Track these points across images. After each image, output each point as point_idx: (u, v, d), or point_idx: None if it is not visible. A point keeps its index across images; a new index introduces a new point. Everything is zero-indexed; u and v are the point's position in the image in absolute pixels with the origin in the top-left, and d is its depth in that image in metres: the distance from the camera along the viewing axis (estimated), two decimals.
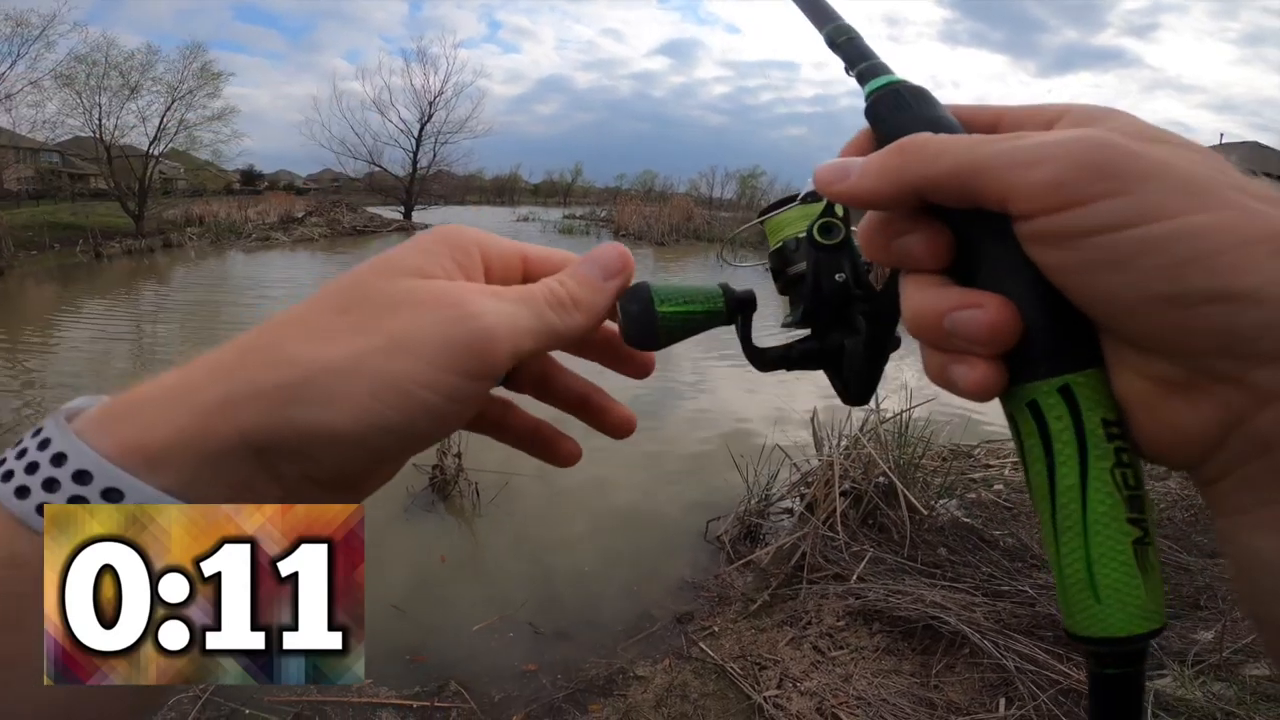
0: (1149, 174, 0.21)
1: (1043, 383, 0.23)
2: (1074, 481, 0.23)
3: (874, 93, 0.29)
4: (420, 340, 0.25)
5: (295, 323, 0.26)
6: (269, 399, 0.24)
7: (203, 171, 30.13)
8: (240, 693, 2.25)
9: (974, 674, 2.34)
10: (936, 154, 0.24)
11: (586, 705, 2.38)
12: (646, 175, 51.91)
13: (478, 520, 3.79)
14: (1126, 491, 0.23)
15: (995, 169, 0.22)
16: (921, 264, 0.26)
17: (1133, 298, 0.21)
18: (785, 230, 0.39)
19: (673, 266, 17.51)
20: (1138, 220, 0.20)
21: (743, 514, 3.52)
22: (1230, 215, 0.20)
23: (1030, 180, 0.22)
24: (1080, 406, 0.23)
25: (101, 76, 21.43)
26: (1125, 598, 0.22)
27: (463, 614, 2.90)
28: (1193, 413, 0.21)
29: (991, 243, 0.24)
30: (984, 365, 0.23)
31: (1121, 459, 0.23)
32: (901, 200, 0.25)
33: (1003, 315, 0.23)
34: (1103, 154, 0.21)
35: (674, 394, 6.48)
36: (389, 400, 0.25)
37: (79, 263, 15.93)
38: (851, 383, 0.35)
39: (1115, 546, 0.22)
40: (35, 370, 6.81)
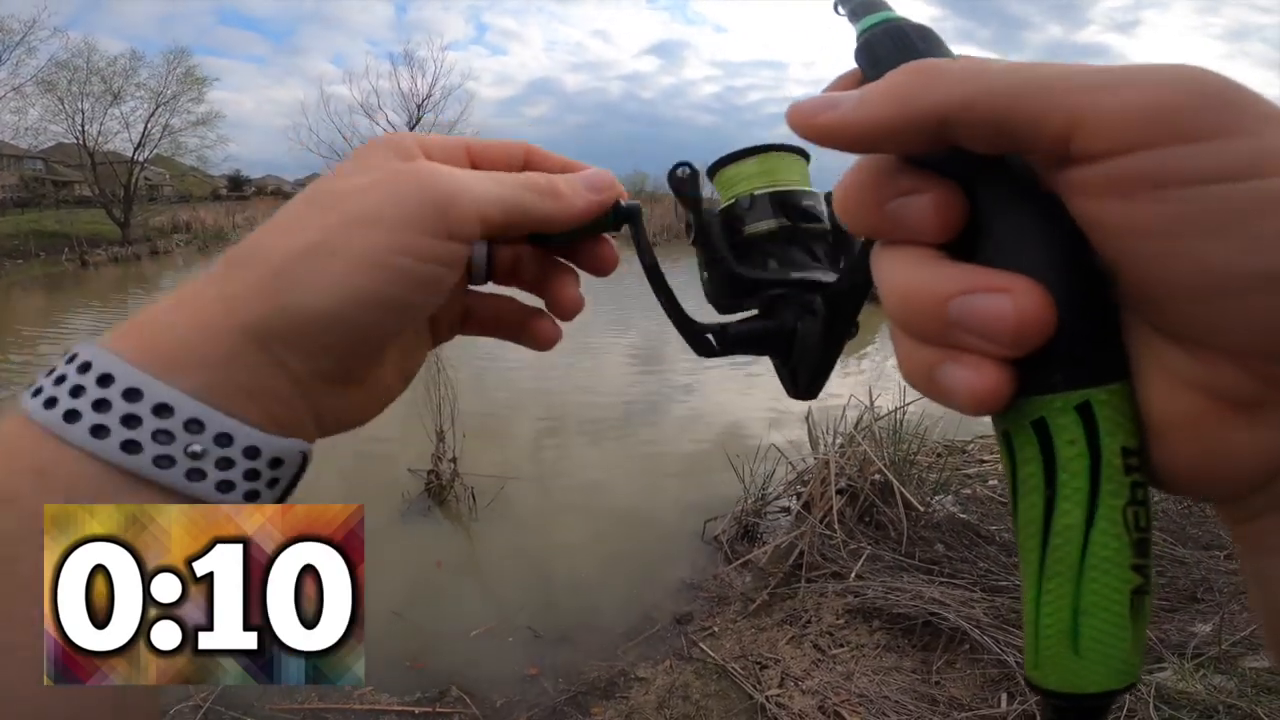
0: (1273, 116, 0.16)
1: (1057, 397, 0.18)
2: (1076, 521, 0.18)
3: (868, 29, 0.23)
4: (380, 210, 0.26)
5: (270, 227, 0.27)
6: (258, 292, 0.25)
7: (188, 177, 29.99)
8: (241, 702, 2.22)
9: (975, 670, 2.34)
10: (972, 71, 0.18)
11: (589, 708, 2.36)
12: (638, 176, 51.86)
13: (474, 525, 3.77)
14: (1135, 534, 0.18)
15: (1061, 90, 0.17)
16: (922, 233, 0.20)
17: (1230, 273, 0.15)
18: (740, 185, 0.33)
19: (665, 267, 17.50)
20: (1255, 172, 0.15)
21: (740, 514, 3.51)
22: None
23: (1115, 103, 0.16)
24: (1100, 430, 0.18)
25: (84, 82, 21.30)
26: (1108, 652, 0.19)
27: (462, 619, 2.88)
28: (1252, 437, 0.17)
29: (1016, 207, 0.19)
30: (993, 369, 0.18)
31: (1136, 496, 0.18)
32: (913, 134, 0.19)
33: (1035, 303, 0.17)
34: (1214, 83, 0.16)
35: (668, 396, 6.47)
36: (363, 271, 0.25)
37: (65, 271, 15.80)
38: (801, 373, 0.31)
39: (1111, 597, 0.19)
40: (20, 382, 6.73)
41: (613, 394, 6.44)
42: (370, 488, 4.12)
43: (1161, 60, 0.57)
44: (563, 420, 5.63)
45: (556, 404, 6.05)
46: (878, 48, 0.23)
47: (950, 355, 0.19)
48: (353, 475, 4.32)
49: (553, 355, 3.59)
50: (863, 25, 0.24)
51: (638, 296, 5.48)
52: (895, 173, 0.20)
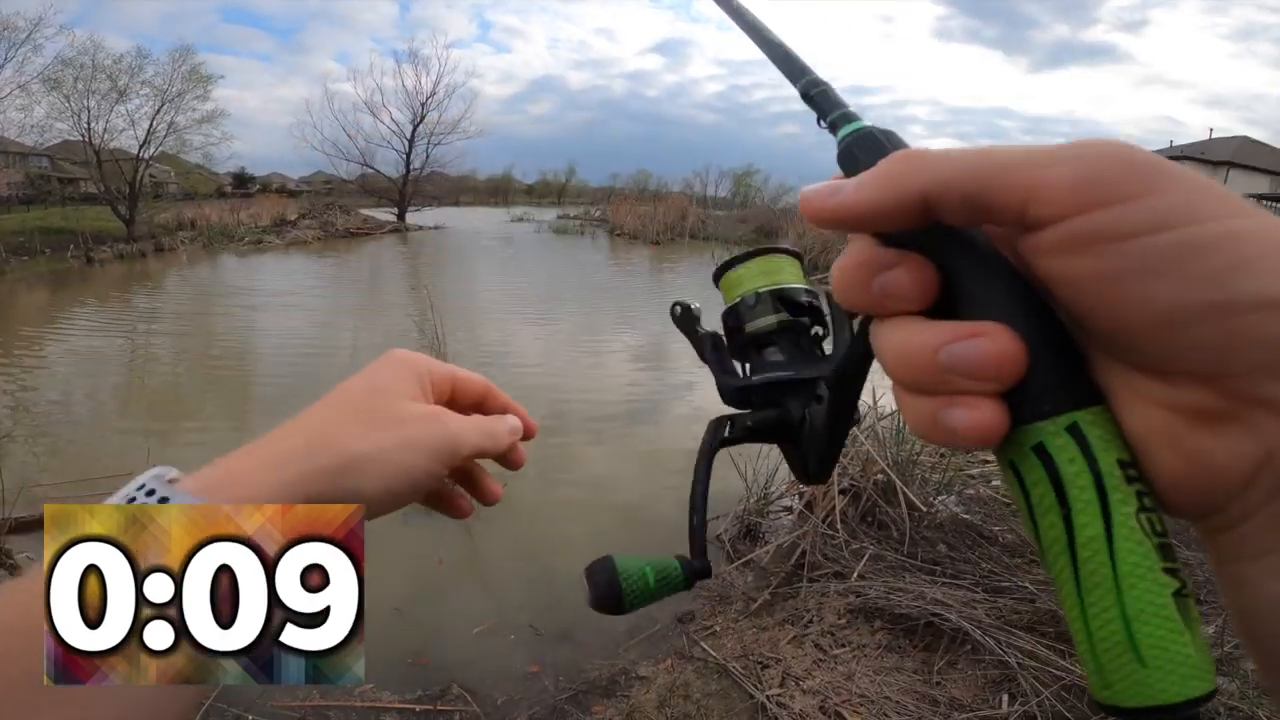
0: (1176, 176, 0.19)
1: (1048, 422, 0.21)
2: (1098, 531, 0.20)
3: (847, 137, 0.28)
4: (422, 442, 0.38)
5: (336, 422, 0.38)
6: (328, 474, 0.35)
7: (193, 175, 29.98)
8: (242, 699, 2.23)
9: (976, 671, 2.34)
10: (946, 157, 0.22)
11: (589, 706, 2.37)
12: (641, 175, 52.02)
13: (476, 523, 3.77)
14: (1156, 539, 0.20)
15: (1016, 167, 0.20)
16: (906, 302, 0.23)
17: (1174, 308, 0.19)
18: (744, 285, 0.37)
19: (668, 267, 17.54)
20: (1178, 222, 0.19)
21: (742, 513, 3.51)
22: (1258, 222, 0.19)
23: (1057, 177, 0.20)
24: (1093, 446, 0.20)
25: (89, 80, 21.32)
26: (1175, 657, 0.19)
27: (464, 617, 2.88)
28: (1225, 446, 0.19)
29: (982, 271, 0.22)
30: (988, 404, 0.21)
31: (1144, 503, 0.20)
32: (903, 211, 0.22)
33: (1009, 342, 0.20)
34: (1130, 153, 0.20)
35: (670, 393, 6.47)
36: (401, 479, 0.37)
37: (70, 268, 15.85)
38: (811, 458, 0.33)
39: (1155, 600, 0.19)
40: (28, 377, 6.76)
41: (615, 392, 6.44)
42: None
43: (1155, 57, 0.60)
44: (565, 418, 5.63)
45: (559, 401, 6.05)
46: (855, 152, 0.27)
47: (948, 401, 0.21)
48: None
49: (555, 353, 3.61)
50: (841, 134, 0.28)
51: (641, 295, 5.54)
52: (877, 253, 0.23)
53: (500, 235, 27.47)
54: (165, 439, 4.89)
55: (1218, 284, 0.18)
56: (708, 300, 0.43)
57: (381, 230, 27.64)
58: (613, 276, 16.13)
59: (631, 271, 17.01)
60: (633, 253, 21.22)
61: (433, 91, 34.56)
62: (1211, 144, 31.55)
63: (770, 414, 0.34)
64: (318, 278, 15.35)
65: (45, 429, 5.11)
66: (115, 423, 5.41)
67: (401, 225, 29.78)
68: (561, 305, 11.34)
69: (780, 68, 0.35)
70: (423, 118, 34.29)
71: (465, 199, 51.24)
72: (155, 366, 7.52)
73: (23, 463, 4.29)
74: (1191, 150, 30.81)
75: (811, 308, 0.37)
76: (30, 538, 3.09)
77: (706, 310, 0.42)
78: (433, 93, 34.53)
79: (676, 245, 23.47)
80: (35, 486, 3.71)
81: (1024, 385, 0.21)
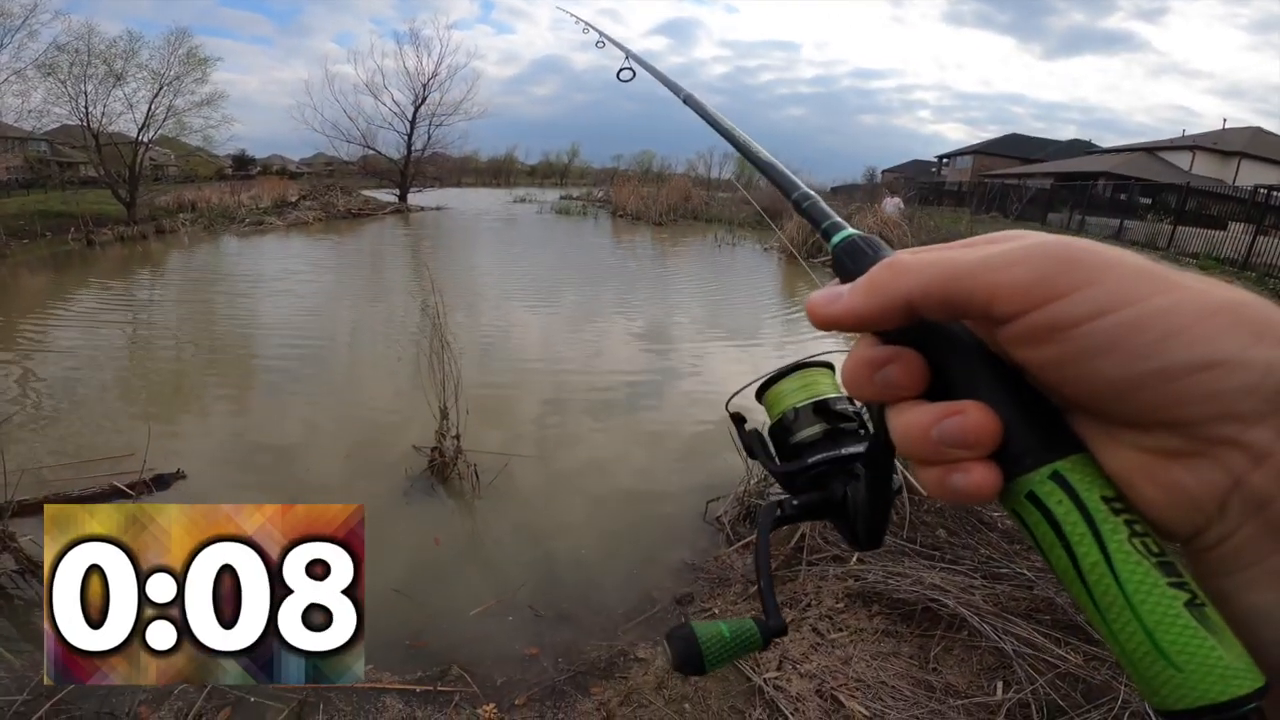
0: (1109, 265, 0.23)
1: (1034, 473, 0.24)
2: (1098, 558, 0.23)
3: (837, 245, 0.32)
4: None
5: None
6: None
7: (194, 157, 29.74)
8: None
9: (972, 657, 2.36)
10: (924, 265, 0.26)
11: (588, 687, 2.39)
12: (644, 155, 51.66)
13: (478, 503, 3.80)
14: (1154, 558, 0.23)
15: (978, 272, 0.24)
16: (903, 390, 0.27)
17: (1125, 378, 0.22)
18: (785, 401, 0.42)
19: (670, 248, 17.45)
20: (1113, 307, 0.22)
21: (742, 495, 3.53)
22: (1183, 294, 0.22)
23: (1012, 279, 0.24)
24: (1075, 488, 0.24)
25: (85, 65, 21.08)
26: (1205, 660, 0.21)
27: (463, 598, 2.91)
28: (1195, 477, 0.23)
29: (961, 357, 0.27)
30: (979, 466, 0.25)
31: (1135, 529, 0.23)
32: (891, 314, 0.26)
33: (982, 416, 0.25)
34: (1067, 250, 0.24)
35: (673, 374, 6.47)
36: None
37: (71, 250, 15.81)
38: (861, 528, 0.37)
39: (1169, 610, 0.22)
40: (29, 360, 6.77)
41: (617, 373, 6.44)
42: (374, 466, 4.15)
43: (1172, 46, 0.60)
44: (567, 398, 5.64)
45: (561, 382, 6.05)
46: (845, 260, 0.31)
47: (950, 469, 0.25)
48: (357, 454, 4.35)
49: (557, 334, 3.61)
50: (833, 243, 0.32)
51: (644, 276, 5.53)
52: (875, 351, 0.28)
53: (503, 216, 27.34)
54: (166, 421, 4.91)
55: (1154, 356, 0.22)
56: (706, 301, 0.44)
57: (383, 211, 27.50)
58: (615, 258, 16.06)
59: (634, 253, 16.94)
60: (635, 234, 21.10)
61: (434, 73, 34.16)
62: (1224, 134, 31.16)
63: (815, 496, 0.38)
64: (319, 259, 15.30)
65: (47, 412, 5.13)
66: (117, 405, 5.43)
67: (403, 206, 29.62)
68: (563, 286, 11.31)
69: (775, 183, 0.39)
70: (424, 99, 33.96)
71: (467, 180, 50.92)
72: (157, 349, 7.52)
73: (26, 446, 4.32)
74: (1203, 140, 30.45)
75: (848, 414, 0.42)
76: (34, 521, 3.11)
77: None
78: (434, 74, 34.14)
79: (679, 227, 23.34)
80: (38, 468, 3.74)
81: (1008, 446, 0.25)
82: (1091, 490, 0.24)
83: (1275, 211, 12.68)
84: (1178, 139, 32.55)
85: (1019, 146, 43.64)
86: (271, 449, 4.51)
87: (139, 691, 2.21)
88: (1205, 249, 13.28)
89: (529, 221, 25.43)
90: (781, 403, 0.42)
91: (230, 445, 4.55)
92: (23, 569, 2.86)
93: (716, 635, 0.36)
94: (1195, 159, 29.30)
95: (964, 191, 32.19)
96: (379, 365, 6.60)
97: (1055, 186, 25.22)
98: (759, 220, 13.97)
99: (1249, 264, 11.85)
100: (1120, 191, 19.78)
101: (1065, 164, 32.98)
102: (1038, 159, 38.58)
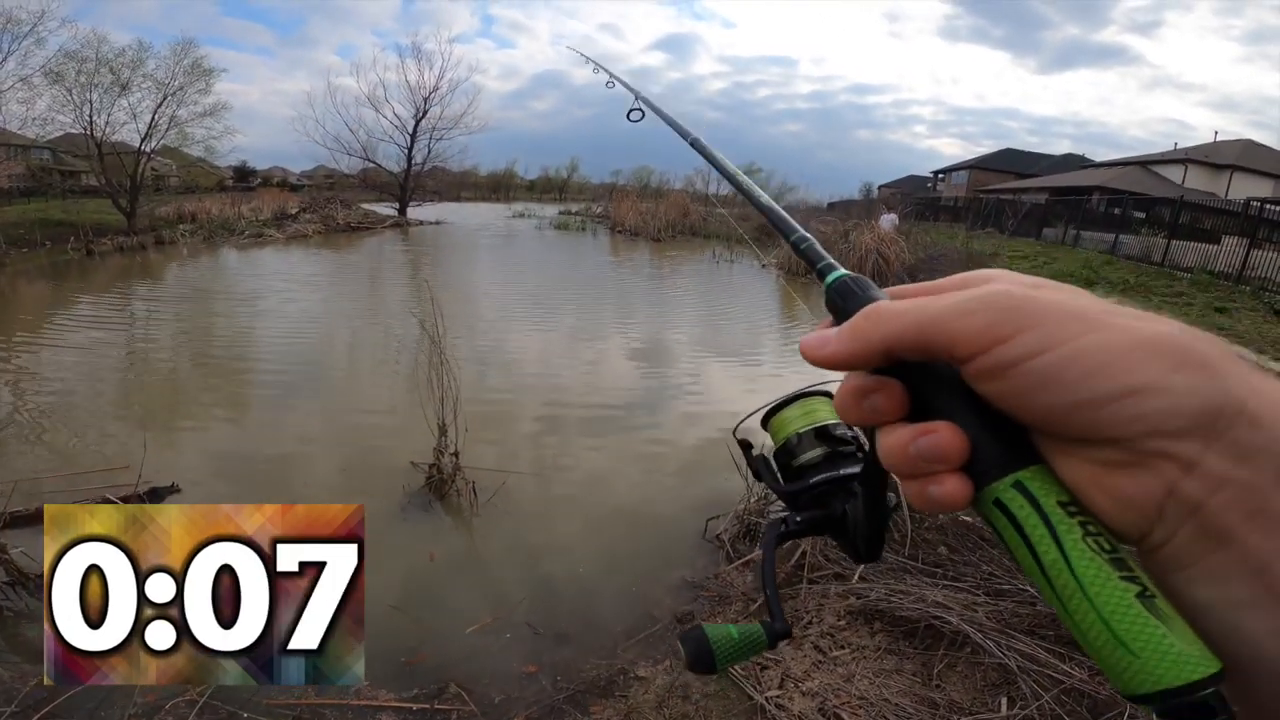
0: (1044, 311, 0.27)
1: (999, 483, 0.28)
2: (1056, 555, 0.26)
3: (831, 285, 0.35)
4: None
5: None
6: None
7: (195, 168, 29.94)
8: (237, 696, 2.22)
9: (976, 673, 2.33)
10: (898, 313, 0.30)
11: (588, 706, 2.36)
12: (643, 171, 51.92)
13: (475, 520, 3.77)
14: (1107, 555, 0.26)
15: (943, 320, 0.28)
16: (887, 415, 0.31)
17: (1062, 405, 0.26)
18: (789, 428, 0.45)
19: (669, 264, 17.51)
20: (1047, 347, 0.26)
21: (742, 512, 3.50)
22: (1110, 333, 0.26)
23: (965, 327, 0.28)
24: (1035, 495, 0.27)
25: (92, 73, 21.25)
26: (1159, 646, 0.24)
27: (461, 615, 2.87)
28: (1136, 485, 0.26)
29: (935, 386, 0.30)
30: (951, 478, 0.29)
31: (1089, 529, 0.26)
32: (872, 356, 0.30)
33: (950, 434, 0.29)
34: (1010, 300, 0.28)
35: (671, 392, 6.46)
36: None
37: (70, 259, 15.83)
38: (860, 542, 0.40)
39: (1121, 601, 0.25)
40: (25, 369, 6.74)
41: (615, 390, 6.43)
42: (372, 481, 4.12)
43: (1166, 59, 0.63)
44: (565, 416, 5.62)
45: (559, 399, 6.04)
46: (836, 297, 0.35)
47: (927, 480, 0.29)
48: (354, 469, 4.32)
49: (555, 350, 3.59)
50: (827, 282, 0.36)
51: (642, 293, 5.53)
52: (863, 382, 0.32)
53: (501, 231, 27.44)
54: (162, 434, 4.88)
55: (1083, 388, 0.26)
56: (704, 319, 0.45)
57: (382, 225, 27.60)
58: (614, 273, 16.10)
59: (633, 269, 16.99)
60: (634, 250, 21.18)
61: (435, 86, 34.48)
62: (1216, 147, 31.47)
63: (817, 513, 0.42)
64: (317, 273, 15.32)
65: (41, 423, 5.09)
66: (112, 417, 5.40)
67: (402, 220, 29.73)
68: (562, 303, 11.32)
69: (775, 226, 0.43)
70: (425, 112, 34.22)
71: (466, 194, 51.18)
72: (153, 361, 7.50)
73: (20, 456, 4.28)
74: (1195, 154, 30.72)
75: (846, 438, 0.45)
76: (26, 532, 3.08)
77: None
78: (435, 87, 34.45)
79: (677, 242, 23.43)
80: (32, 479, 3.71)
81: (977, 460, 0.28)
82: (1049, 496, 0.27)
83: (1268, 225, 12.71)
84: (1170, 152, 32.82)
85: (1014, 161, 44.08)
86: (267, 463, 4.48)
87: (129, 704, 2.17)
88: (1199, 263, 13.27)
89: (528, 237, 25.53)
90: (785, 429, 0.45)
91: (225, 459, 4.52)
92: (14, 580, 2.82)
93: (726, 636, 0.39)
94: (1188, 172, 29.55)
95: (960, 207, 32.37)
96: (377, 381, 6.58)
97: (1050, 201, 25.35)
98: (756, 236, 14.01)
99: (1243, 277, 11.83)
100: (1114, 205, 19.86)
101: (1059, 178, 33.29)
102: (1032, 173, 38.93)
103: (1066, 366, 0.26)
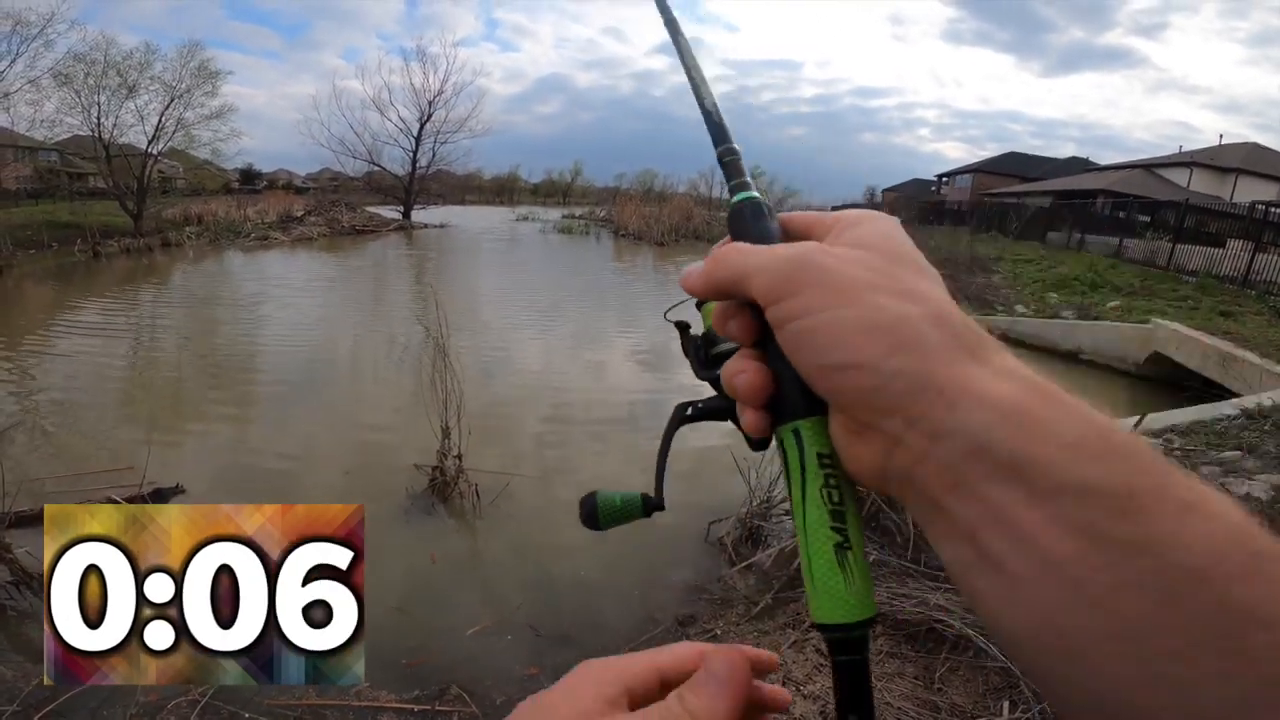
0: (814, 280, 0.29)
1: (786, 426, 0.32)
2: (799, 497, 0.31)
3: (735, 204, 0.37)
4: None
5: None
6: None
7: (201, 170, 30.12)
8: (238, 697, 2.22)
9: (978, 677, 2.32)
10: (730, 263, 0.33)
11: None
12: (646, 174, 52.04)
13: (478, 522, 3.77)
14: (830, 506, 0.30)
15: (747, 274, 0.31)
16: (739, 339, 0.34)
17: (807, 369, 0.29)
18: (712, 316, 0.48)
19: (672, 269, 17.51)
20: (800, 313, 0.29)
21: (744, 516, 3.50)
22: (853, 310, 0.28)
23: (759, 283, 0.31)
24: (804, 443, 0.31)
25: (100, 75, 21.40)
26: (833, 589, 0.29)
27: (462, 617, 2.87)
28: (866, 450, 0.29)
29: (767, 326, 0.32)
30: (751, 413, 0.33)
31: (830, 481, 0.30)
32: (715, 295, 0.34)
33: (756, 378, 0.32)
34: (791, 265, 0.30)
35: (674, 396, 6.44)
36: None
37: (77, 261, 15.91)
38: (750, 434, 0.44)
39: (822, 548, 0.30)
40: (31, 371, 6.78)
41: (618, 393, 6.43)
42: (375, 483, 4.12)
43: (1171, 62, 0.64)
44: (568, 419, 5.63)
45: (562, 402, 6.05)
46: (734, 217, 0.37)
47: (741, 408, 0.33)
48: (358, 471, 4.33)
49: (558, 354, 3.59)
50: (733, 201, 0.37)
51: (645, 298, 5.53)
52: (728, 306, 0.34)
53: (505, 234, 27.51)
54: (167, 435, 4.90)
55: (821, 355, 0.29)
56: None
57: (387, 228, 27.71)
58: (617, 278, 16.12)
59: (636, 273, 17.01)
60: (638, 255, 21.20)
61: (440, 90, 34.64)
62: (1221, 150, 31.34)
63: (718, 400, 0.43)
64: (323, 275, 15.37)
65: (47, 423, 5.12)
66: (117, 418, 5.42)
67: (407, 223, 29.83)
68: (565, 306, 11.34)
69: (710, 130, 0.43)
70: (429, 116, 34.37)
71: (470, 197, 51.34)
72: (158, 363, 7.53)
73: (25, 457, 4.31)
74: (1201, 157, 30.60)
75: None
76: (30, 532, 3.09)
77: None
78: (440, 91, 34.62)
79: (681, 246, 23.44)
80: (36, 480, 3.72)
81: (777, 401, 0.32)
82: (813, 447, 0.31)
83: (1273, 228, 12.60)
84: (1175, 155, 32.66)
85: (1018, 165, 43.89)
86: (271, 464, 4.49)
87: (131, 704, 2.18)
88: (1205, 266, 13.16)
89: (532, 240, 25.58)
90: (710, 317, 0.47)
91: (229, 460, 4.54)
92: (18, 580, 2.84)
93: (610, 502, 0.44)
94: (1193, 175, 29.39)
95: (964, 211, 32.29)
96: (381, 384, 6.60)
97: (1055, 205, 25.27)
98: None
99: (1249, 281, 11.73)
100: (1119, 209, 19.79)
101: (1064, 182, 33.13)
102: (1036, 177, 38.77)
103: (811, 334, 0.29)
